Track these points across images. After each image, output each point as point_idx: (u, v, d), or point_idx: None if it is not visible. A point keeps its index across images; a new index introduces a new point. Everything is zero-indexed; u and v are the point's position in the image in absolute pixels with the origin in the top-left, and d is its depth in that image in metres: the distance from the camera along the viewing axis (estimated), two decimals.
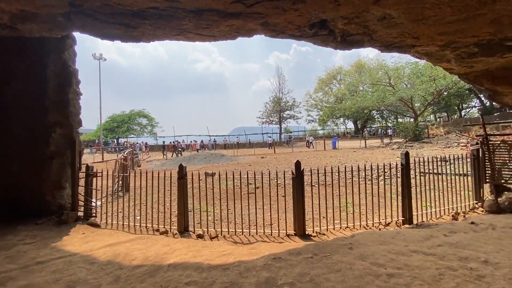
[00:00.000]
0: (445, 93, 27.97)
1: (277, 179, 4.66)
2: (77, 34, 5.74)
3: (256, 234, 3.97)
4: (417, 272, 2.59)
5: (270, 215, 4.18)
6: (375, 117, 45.60)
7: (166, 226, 4.23)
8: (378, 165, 4.81)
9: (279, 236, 3.89)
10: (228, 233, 4.01)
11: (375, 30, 2.95)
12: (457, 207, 4.77)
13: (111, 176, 5.01)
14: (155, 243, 3.54)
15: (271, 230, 3.98)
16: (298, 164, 3.88)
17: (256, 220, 4.59)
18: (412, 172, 4.44)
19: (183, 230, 4.12)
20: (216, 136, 37.37)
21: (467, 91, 31.69)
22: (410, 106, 28.04)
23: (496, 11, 2.43)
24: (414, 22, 2.65)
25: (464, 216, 4.54)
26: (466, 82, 5.40)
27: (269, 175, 5.90)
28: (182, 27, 2.87)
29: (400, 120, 39.79)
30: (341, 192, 5.70)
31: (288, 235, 3.89)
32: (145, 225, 4.29)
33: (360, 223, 4.18)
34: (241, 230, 4.03)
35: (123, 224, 4.40)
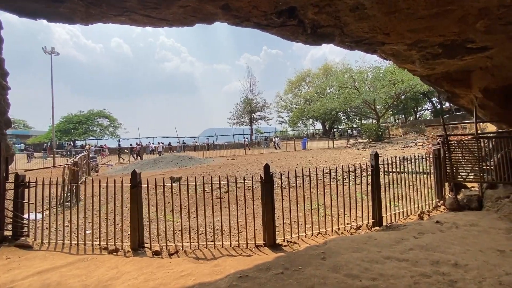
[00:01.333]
0: (403, 96, 30.11)
1: (244, 184, 4.31)
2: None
3: (222, 246, 3.60)
4: (392, 283, 2.43)
5: (238, 222, 3.85)
6: (342, 118, 47.67)
7: (117, 243, 3.66)
8: (349, 167, 4.73)
9: (247, 247, 3.56)
10: (190, 248, 3.58)
11: (347, 22, 2.78)
12: (421, 206, 4.87)
13: (54, 185, 4.26)
14: (99, 266, 2.99)
15: (239, 242, 3.63)
16: (267, 168, 3.59)
17: (222, 229, 4.21)
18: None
19: (137, 246, 3.59)
20: (185, 137, 36.01)
21: (421, 95, 34.56)
22: (373, 108, 29.67)
23: (464, 7, 2.38)
24: (386, 15, 2.52)
25: (429, 215, 4.63)
26: (427, 84, 5.59)
27: (235, 180, 5.51)
28: (124, 5, 2.41)
29: (364, 121, 42.06)
30: (312, 194, 5.57)
31: (257, 246, 3.57)
32: (91, 242, 3.67)
33: (332, 228, 4.02)
34: (205, 244, 3.61)
35: (63, 243, 3.73)
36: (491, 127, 7.93)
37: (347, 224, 4.19)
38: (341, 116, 45.84)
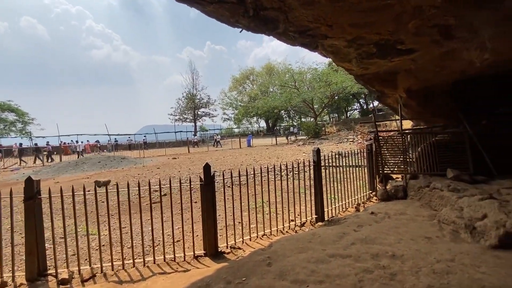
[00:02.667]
0: (336, 97, 33.10)
1: (180, 187, 3.78)
2: None
3: (154, 263, 3.04)
4: (338, 284, 2.33)
5: (173, 231, 3.32)
6: (284, 116, 49.88)
7: (6, 274, 2.74)
8: (292, 163, 4.66)
9: (184, 260, 3.09)
10: (113, 269, 2.91)
11: (292, 6, 2.58)
12: (358, 198, 5.16)
13: None
14: None
15: (174, 255, 3.13)
16: (207, 168, 3.17)
17: (153, 240, 3.62)
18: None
19: (37, 275, 2.75)
20: (119, 135, 32.29)
21: (351, 96, 38.72)
22: (311, 107, 31.78)
23: (402, 3, 2.42)
24: (331, 2, 2.40)
25: (364, 206, 4.91)
26: (361, 84, 5.99)
27: (170, 182, 4.91)
28: None
29: (303, 119, 44.88)
30: (258, 191, 5.39)
31: (196, 257, 3.14)
32: None
33: (277, 227, 3.85)
34: (131, 262, 3.00)
35: None
36: (407, 125, 9.12)
37: (292, 221, 4.11)
38: (283, 114, 47.88)
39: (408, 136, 5.42)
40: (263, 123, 52.21)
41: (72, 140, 27.29)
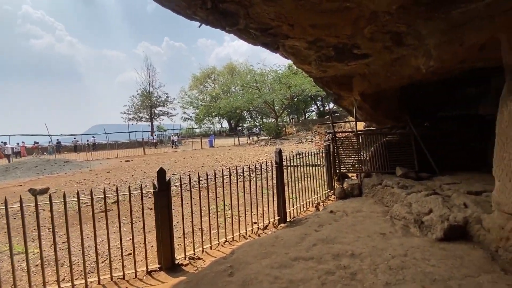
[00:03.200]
0: (295, 99, 34.32)
1: (130, 196, 3.38)
2: None
3: (99, 283, 2.64)
4: None
5: (121, 242, 2.94)
6: (246, 117, 50.03)
7: None
8: (255, 164, 4.55)
9: (136, 277, 2.75)
10: None
11: (253, 1, 2.46)
12: (317, 197, 5.28)
13: None
14: None
15: (124, 271, 2.76)
16: (161, 173, 2.86)
17: (96, 255, 3.18)
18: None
19: None
20: (61, 136, 28.82)
21: (309, 98, 40.51)
22: (272, 108, 32.42)
23: (361, 7, 2.47)
24: (293, 0, 2.33)
25: (323, 205, 5.04)
26: (320, 86, 6.17)
27: (116, 191, 4.45)
28: None
29: (265, 120, 45.57)
30: (220, 194, 5.17)
31: (150, 273, 2.81)
32: None
33: (240, 232, 3.69)
34: (70, 285, 2.55)
35: None
36: (360, 126, 9.75)
37: (255, 223, 4.00)
38: (245, 114, 48.00)
39: (362, 136, 5.74)
40: (225, 123, 51.72)
41: (2, 142, 23.47)
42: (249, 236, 3.73)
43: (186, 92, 49.76)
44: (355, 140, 5.71)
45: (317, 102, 44.40)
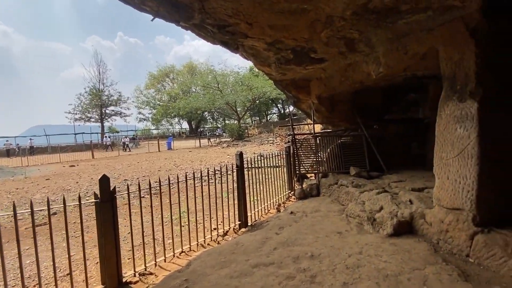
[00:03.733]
0: (257, 101, 34.73)
1: (65, 209, 2.92)
2: None
3: None
4: None
5: (53, 263, 2.52)
6: (207, 118, 48.97)
7: None
8: (214, 168, 4.36)
9: None
10: None
11: None
12: (279, 199, 5.29)
13: None
14: None
15: None
16: (104, 180, 2.52)
17: (22, 279, 2.69)
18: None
19: None
20: None
21: (270, 101, 41.36)
22: (234, 109, 32.28)
23: (317, 10, 2.49)
24: None
25: (284, 206, 5.06)
26: (280, 89, 6.24)
27: (47, 204, 3.91)
28: None
29: (227, 121, 45.17)
30: (176, 200, 4.83)
31: None
32: None
33: (197, 240, 3.47)
34: None
35: None
36: (318, 128, 10.16)
37: (215, 229, 3.82)
38: (206, 115, 46.97)
39: (320, 138, 5.94)
40: (185, 125, 49.91)
41: None
42: (208, 244, 3.53)
43: (142, 91, 46.89)
44: (313, 141, 5.88)
45: (278, 105, 45.63)
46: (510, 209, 2.80)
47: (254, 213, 4.46)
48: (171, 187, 4.25)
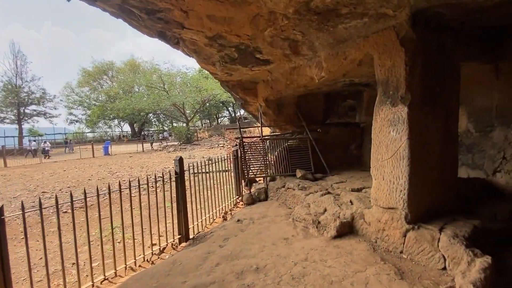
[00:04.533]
0: (207, 103, 33.87)
1: None
2: None
3: None
4: None
5: None
6: (152, 120, 45.72)
7: None
8: (147, 177, 3.84)
9: None
10: None
11: None
12: (225, 206, 5.00)
13: None
14: None
15: None
16: None
17: None
18: (186, 175, 3.97)
19: None
20: None
21: (221, 104, 40.84)
22: (183, 112, 30.84)
23: (259, 3, 2.32)
24: None
25: (231, 214, 4.80)
26: (226, 90, 5.99)
27: None
28: None
29: (175, 124, 42.89)
30: (107, 214, 4.14)
31: None
32: None
33: (126, 263, 2.94)
34: None
35: None
36: (268, 131, 10.23)
37: (154, 245, 3.33)
38: (151, 117, 43.86)
39: (268, 141, 5.87)
40: (127, 127, 45.67)
41: None
42: (140, 266, 3.03)
43: (74, 89, 41.30)
44: (261, 145, 5.78)
45: (229, 108, 45.37)
46: (434, 205, 3.07)
47: (198, 224, 4.08)
48: (104, 198, 3.57)
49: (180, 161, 3.65)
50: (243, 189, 5.79)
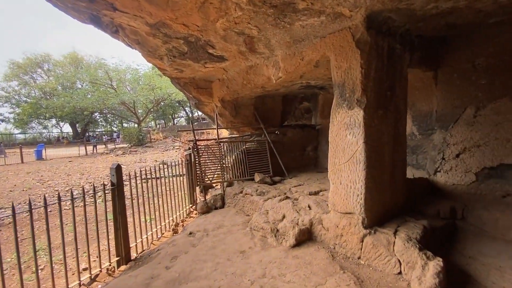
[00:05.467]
0: (162, 103, 31.91)
1: None
2: None
3: None
4: None
5: None
6: (98, 120, 41.39)
7: None
8: (94, 184, 3.19)
9: None
10: None
11: None
12: (177, 216, 4.52)
13: None
14: None
15: None
16: None
17: None
18: (133, 182, 3.42)
19: None
20: None
21: (177, 104, 38.88)
22: (134, 111, 28.52)
23: None
24: None
25: (183, 225, 4.34)
26: (178, 89, 5.49)
27: None
28: None
29: (125, 125, 39.43)
30: (30, 233, 3.33)
31: None
32: None
33: None
34: None
35: None
36: (226, 133, 9.89)
37: (85, 269, 2.73)
38: (97, 117, 39.70)
39: (225, 144, 5.54)
40: (68, 128, 40.49)
41: None
42: None
43: None
44: (217, 148, 5.42)
45: (186, 108, 43.48)
46: (387, 207, 3.12)
47: (143, 240, 3.55)
48: (26, 215, 2.82)
49: (118, 169, 3.09)
50: (198, 196, 5.36)
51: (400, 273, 2.46)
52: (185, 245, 3.33)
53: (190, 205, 5.04)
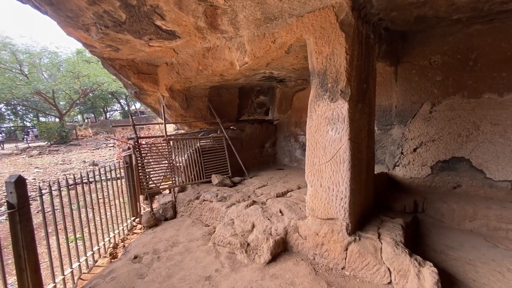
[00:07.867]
0: (90, 94, 27.59)
1: None
2: None
3: None
4: None
5: None
6: (5, 114, 33.52)
7: None
8: None
9: None
10: None
11: None
12: (115, 235, 3.57)
13: None
14: None
15: None
16: None
17: None
18: (54, 193, 2.41)
19: None
20: None
21: (110, 95, 34.20)
22: (53, 103, 23.92)
23: None
24: None
25: (124, 246, 3.44)
26: (112, 73, 4.38)
27: None
28: None
29: (43, 119, 32.84)
30: None
31: None
32: None
33: None
34: None
35: None
36: (171, 129, 8.80)
37: None
38: (3, 110, 32.13)
39: (174, 142, 4.70)
40: None
41: None
42: None
43: None
44: (165, 147, 4.55)
45: (121, 100, 38.64)
46: (363, 209, 2.92)
47: (65, 278, 2.58)
48: None
49: (19, 184, 2.08)
50: (142, 205, 4.43)
51: (390, 282, 2.24)
52: (129, 278, 2.53)
53: (133, 218, 4.10)
